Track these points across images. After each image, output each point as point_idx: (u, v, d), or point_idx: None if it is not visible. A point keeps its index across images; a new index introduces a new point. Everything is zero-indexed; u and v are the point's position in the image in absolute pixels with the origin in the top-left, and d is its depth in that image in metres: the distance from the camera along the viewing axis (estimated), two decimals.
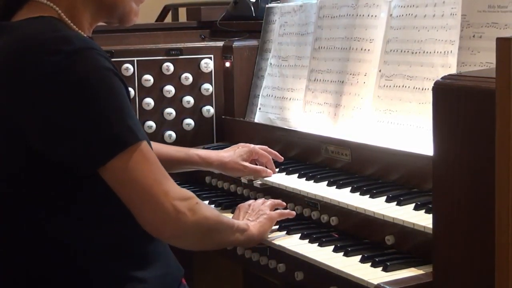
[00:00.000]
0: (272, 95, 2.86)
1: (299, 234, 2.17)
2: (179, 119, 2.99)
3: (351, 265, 1.94)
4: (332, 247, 2.05)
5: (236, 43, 3.00)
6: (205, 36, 3.27)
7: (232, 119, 2.98)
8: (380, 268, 1.88)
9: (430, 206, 1.86)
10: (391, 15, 2.44)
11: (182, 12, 4.03)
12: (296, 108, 2.74)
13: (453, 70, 2.18)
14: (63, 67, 1.72)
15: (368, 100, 2.45)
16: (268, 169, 2.50)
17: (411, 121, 2.28)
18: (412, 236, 1.95)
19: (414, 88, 2.30)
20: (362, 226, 2.11)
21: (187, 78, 2.97)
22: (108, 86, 1.75)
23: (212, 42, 3.10)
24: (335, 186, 2.28)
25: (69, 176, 1.78)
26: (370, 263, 1.92)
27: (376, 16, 2.49)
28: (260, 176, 2.47)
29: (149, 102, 2.95)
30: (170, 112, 2.97)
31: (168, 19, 4.11)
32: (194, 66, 2.99)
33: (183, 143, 2.82)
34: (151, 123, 2.96)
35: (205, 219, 1.90)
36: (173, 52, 2.97)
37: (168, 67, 2.96)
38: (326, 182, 2.32)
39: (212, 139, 3.01)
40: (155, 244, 1.94)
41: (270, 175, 2.48)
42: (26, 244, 1.84)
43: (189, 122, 2.99)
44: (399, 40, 2.38)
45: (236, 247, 2.28)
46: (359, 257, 1.97)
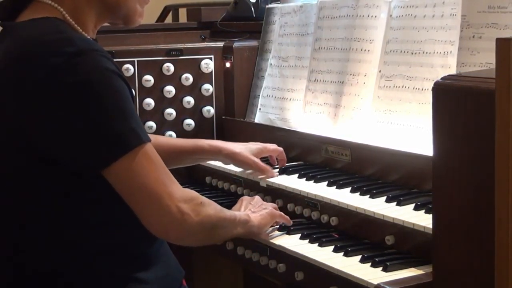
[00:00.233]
0: (272, 96, 2.86)
1: (299, 234, 2.18)
2: (180, 119, 2.99)
3: (351, 265, 1.94)
4: (332, 247, 2.05)
5: (236, 44, 3.01)
6: (205, 36, 3.27)
7: (232, 120, 2.98)
8: (380, 268, 1.89)
9: (430, 206, 1.86)
10: (391, 15, 2.44)
11: (183, 13, 4.03)
12: (296, 109, 2.74)
13: (452, 71, 2.18)
14: (66, 69, 1.72)
15: (368, 101, 2.45)
16: (280, 160, 2.53)
17: (411, 121, 2.28)
18: (412, 236, 1.95)
19: (414, 88, 2.30)
20: (362, 226, 2.11)
21: (188, 78, 2.97)
22: (111, 88, 1.75)
23: (212, 43, 3.10)
24: (335, 186, 2.28)
25: (70, 177, 1.78)
26: (370, 263, 1.92)
27: (376, 16, 2.49)
28: (265, 175, 2.48)
29: (149, 102, 2.95)
30: (171, 112, 2.97)
31: (168, 19, 4.11)
32: (194, 67, 2.99)
33: None
34: (151, 124, 2.96)
35: (208, 218, 1.90)
36: (173, 52, 2.97)
37: (169, 68, 2.96)
38: (326, 182, 2.32)
39: (212, 139, 3.00)
40: (156, 246, 1.94)
41: (275, 176, 2.48)
42: (28, 245, 1.84)
43: (189, 123, 2.99)
44: (399, 41, 2.39)
45: (236, 247, 2.28)
46: (359, 257, 1.97)
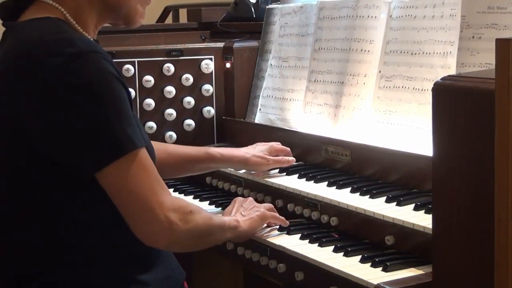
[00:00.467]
0: (272, 96, 2.87)
1: (299, 234, 2.18)
2: (180, 119, 2.99)
3: (351, 265, 1.94)
4: (332, 247, 2.05)
5: (236, 44, 3.01)
6: (205, 37, 3.28)
7: (232, 120, 2.99)
8: (380, 268, 1.89)
9: (430, 206, 1.87)
10: (390, 16, 2.44)
11: (183, 13, 4.04)
12: (296, 109, 2.74)
13: (452, 71, 2.18)
14: (66, 70, 1.72)
15: (368, 101, 2.45)
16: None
17: (411, 121, 2.28)
18: (412, 236, 1.96)
19: (413, 89, 2.31)
20: (362, 226, 2.12)
21: (188, 79, 2.98)
22: (110, 91, 1.75)
23: (212, 43, 3.11)
24: (335, 187, 2.28)
25: (71, 177, 1.78)
26: (370, 263, 1.92)
27: (376, 17, 2.49)
28: (283, 165, 2.50)
29: (149, 103, 2.95)
30: (171, 112, 2.97)
31: (168, 20, 4.11)
32: (194, 67, 2.99)
33: (184, 144, 2.80)
34: (151, 124, 2.96)
35: (196, 227, 1.89)
36: (173, 53, 2.97)
37: (169, 68, 2.96)
38: (326, 183, 2.33)
39: (213, 139, 3.01)
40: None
41: (293, 162, 2.51)
42: (28, 245, 1.84)
43: (189, 123, 2.99)
44: (399, 41, 2.39)
45: (236, 247, 2.28)
46: (359, 257, 1.97)
